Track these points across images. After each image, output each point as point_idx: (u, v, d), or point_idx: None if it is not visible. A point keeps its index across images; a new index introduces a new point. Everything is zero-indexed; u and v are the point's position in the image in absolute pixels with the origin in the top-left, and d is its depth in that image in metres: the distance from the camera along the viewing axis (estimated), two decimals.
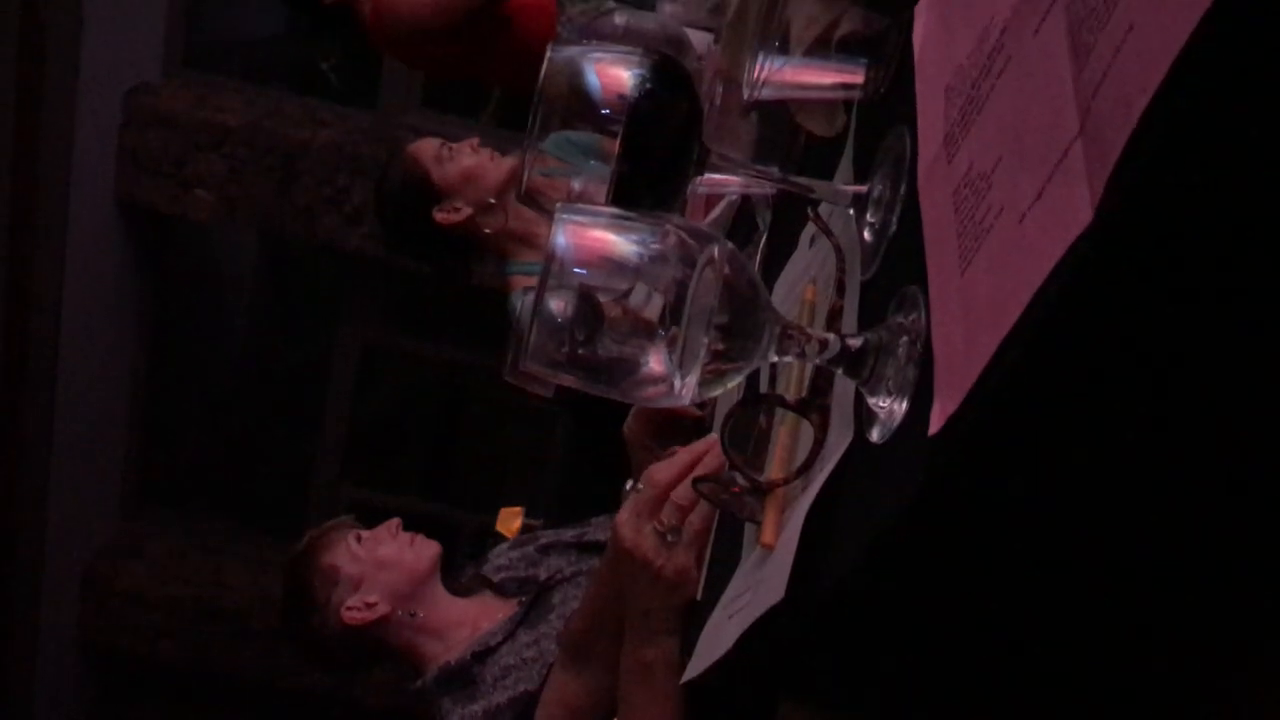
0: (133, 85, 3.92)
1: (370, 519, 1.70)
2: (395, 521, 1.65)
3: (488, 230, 2.11)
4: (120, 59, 3.87)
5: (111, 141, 3.92)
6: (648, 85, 0.68)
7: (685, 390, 0.61)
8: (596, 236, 0.62)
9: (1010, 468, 0.52)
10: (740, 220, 1.23)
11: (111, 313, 4.26)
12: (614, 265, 0.61)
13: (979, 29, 0.61)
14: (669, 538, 0.87)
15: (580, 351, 0.61)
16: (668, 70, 0.69)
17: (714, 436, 0.92)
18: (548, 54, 0.70)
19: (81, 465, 4.27)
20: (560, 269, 0.61)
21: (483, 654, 1.51)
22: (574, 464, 2.45)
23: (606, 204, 0.69)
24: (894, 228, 0.70)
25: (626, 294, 0.62)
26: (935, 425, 0.53)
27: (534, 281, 0.63)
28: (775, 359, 0.63)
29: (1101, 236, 0.44)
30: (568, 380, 0.62)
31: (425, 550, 1.60)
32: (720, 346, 0.59)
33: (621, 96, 0.67)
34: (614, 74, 0.68)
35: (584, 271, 0.62)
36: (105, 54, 3.74)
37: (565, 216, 0.62)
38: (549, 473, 2.93)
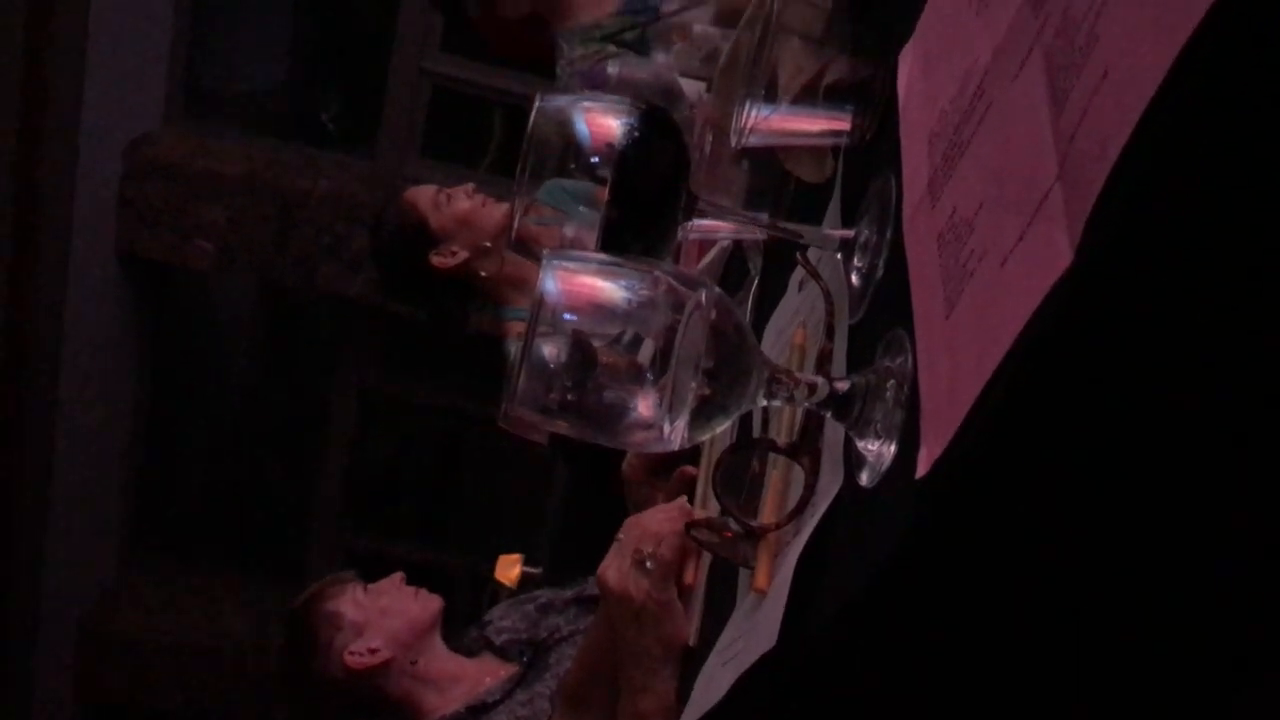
0: (134, 137, 3.96)
1: (369, 565, 1.72)
2: (399, 575, 1.68)
3: (484, 274, 2.12)
4: (121, 110, 3.91)
5: (112, 193, 3.95)
6: (636, 134, 0.68)
7: (675, 435, 0.61)
8: (585, 282, 0.62)
9: (997, 511, 0.52)
10: (732, 265, 1.24)
11: (111, 362, 4.27)
12: (603, 311, 0.62)
13: (960, 76, 0.62)
14: (648, 565, 0.88)
15: (570, 397, 0.61)
16: (655, 119, 0.70)
17: (683, 499, 0.94)
18: (536, 103, 0.70)
19: (80, 513, 4.26)
20: (549, 315, 0.62)
21: (478, 709, 1.52)
22: (572, 510, 2.44)
23: (596, 250, 0.70)
24: (881, 272, 0.70)
25: (618, 339, 0.62)
26: (922, 469, 0.53)
27: None
28: (764, 403, 0.64)
29: (1081, 279, 0.45)
30: (558, 427, 0.62)
31: (428, 603, 1.63)
32: (708, 391, 0.60)
33: (610, 145, 0.68)
34: (602, 123, 0.69)
35: (573, 317, 0.62)
36: (106, 105, 3.78)
37: (554, 262, 0.63)
38: (548, 519, 2.92)
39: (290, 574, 4.41)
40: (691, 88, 1.44)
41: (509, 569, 2.19)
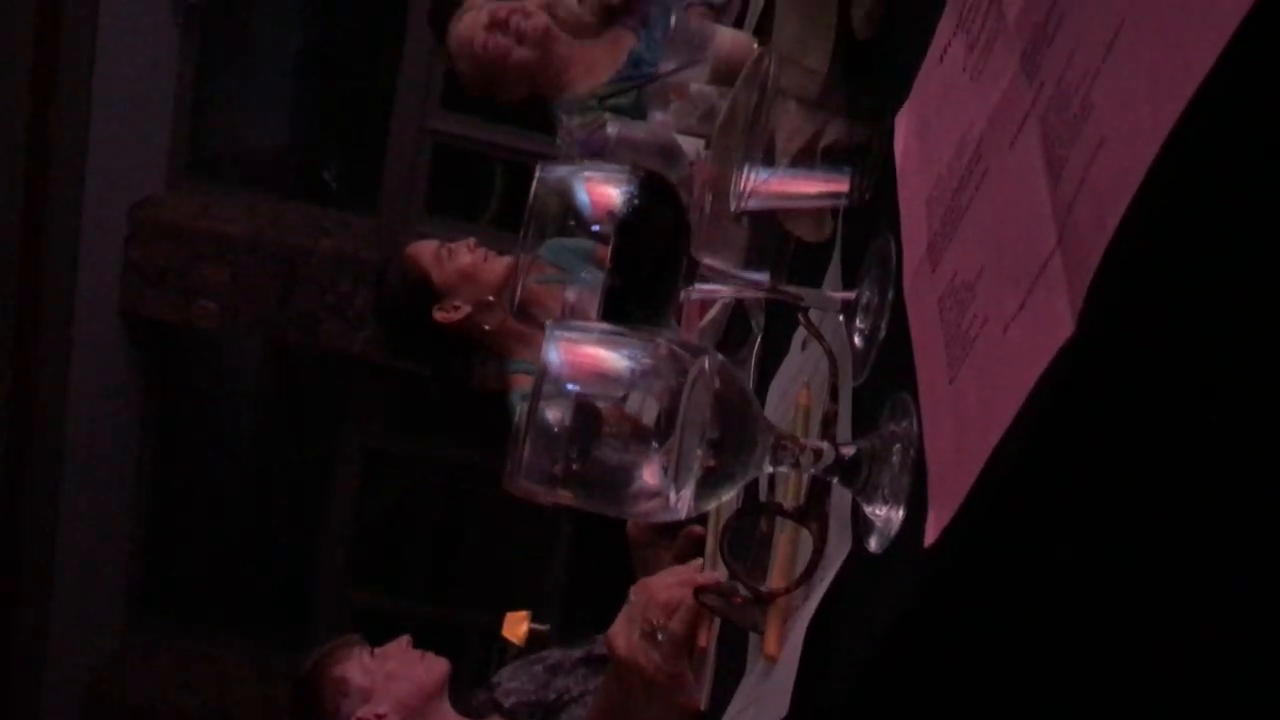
0: (138, 199, 3.99)
1: (375, 623, 1.71)
2: (405, 639, 1.67)
3: (487, 328, 2.12)
4: (125, 172, 3.94)
5: (116, 254, 3.97)
6: (635, 202, 0.69)
7: (681, 504, 0.61)
8: (588, 353, 0.62)
9: (1007, 578, 0.52)
10: (735, 322, 1.24)
11: (115, 423, 4.27)
12: (606, 381, 0.62)
13: (956, 141, 0.62)
14: (659, 637, 0.87)
15: (575, 467, 0.61)
16: (655, 186, 0.70)
17: (694, 565, 0.93)
18: (537, 173, 0.71)
19: (85, 575, 4.23)
20: (553, 385, 0.62)
21: None
22: (579, 565, 2.43)
23: (598, 318, 0.70)
24: (884, 333, 0.70)
25: (623, 399, 0.62)
26: (930, 536, 0.53)
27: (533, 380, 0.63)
28: (770, 469, 0.63)
29: (1083, 347, 0.45)
30: (563, 497, 0.62)
31: (435, 666, 1.62)
32: (714, 461, 0.59)
33: (610, 213, 0.69)
34: (603, 192, 0.69)
35: (576, 388, 0.62)
36: (110, 167, 3.81)
37: (557, 334, 0.63)
38: (554, 574, 2.90)
39: (296, 634, 4.38)
40: (690, 145, 1.45)
41: (516, 626, 2.18)
